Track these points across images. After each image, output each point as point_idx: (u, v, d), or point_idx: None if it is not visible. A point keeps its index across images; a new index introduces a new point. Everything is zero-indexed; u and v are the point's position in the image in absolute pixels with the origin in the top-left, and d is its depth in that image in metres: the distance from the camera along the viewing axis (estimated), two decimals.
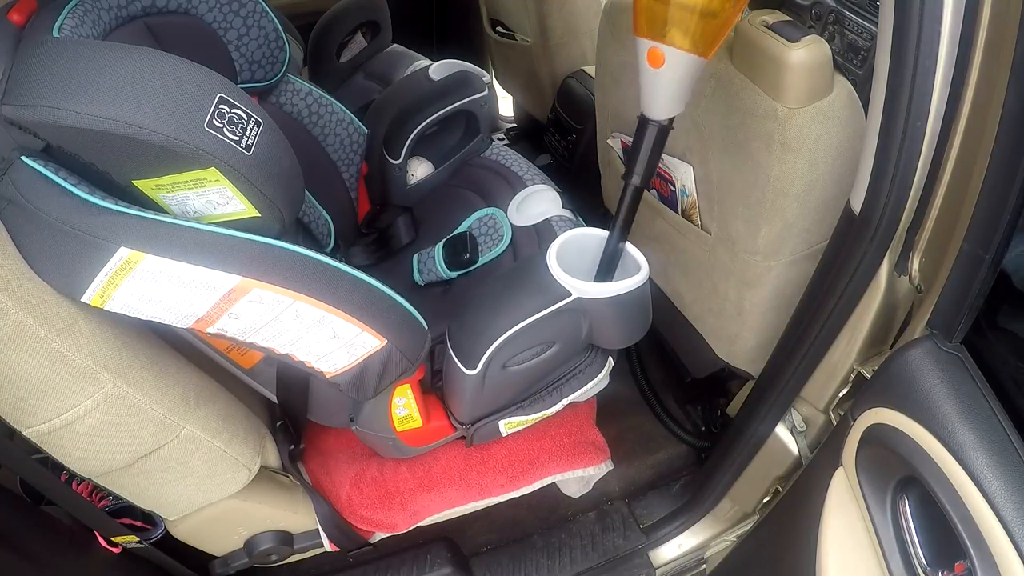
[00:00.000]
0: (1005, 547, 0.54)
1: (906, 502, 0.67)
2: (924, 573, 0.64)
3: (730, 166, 0.95)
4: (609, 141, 1.30)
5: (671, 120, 0.79)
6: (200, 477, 0.89)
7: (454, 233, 1.25)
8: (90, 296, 0.66)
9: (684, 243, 1.13)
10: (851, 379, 0.89)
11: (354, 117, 1.27)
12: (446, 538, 1.30)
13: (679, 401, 1.55)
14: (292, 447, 1.05)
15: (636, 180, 0.83)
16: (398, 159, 1.35)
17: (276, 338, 0.76)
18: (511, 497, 1.12)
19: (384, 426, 1.00)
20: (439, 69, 1.37)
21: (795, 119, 0.83)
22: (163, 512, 0.95)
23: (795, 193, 0.89)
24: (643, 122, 0.80)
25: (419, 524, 1.11)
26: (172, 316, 0.70)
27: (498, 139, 2.29)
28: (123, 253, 0.63)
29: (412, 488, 1.10)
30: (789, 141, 0.84)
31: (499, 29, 2.06)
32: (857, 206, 0.77)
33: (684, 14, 0.69)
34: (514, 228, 1.21)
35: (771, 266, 0.99)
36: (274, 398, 0.94)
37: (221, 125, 0.64)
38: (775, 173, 0.88)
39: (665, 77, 0.74)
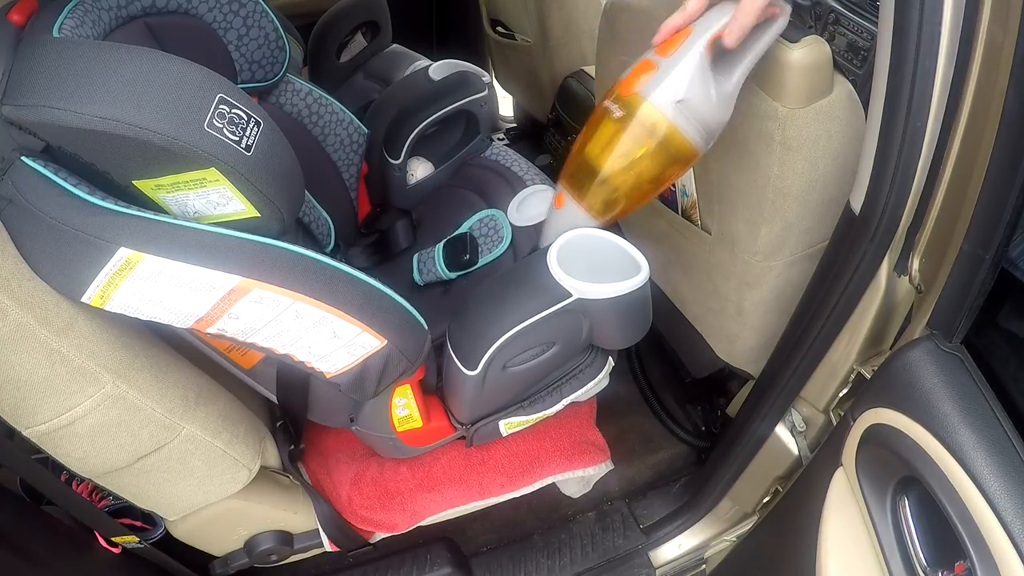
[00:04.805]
0: (1005, 547, 0.54)
1: (906, 502, 0.67)
2: (924, 573, 0.64)
3: (730, 166, 0.95)
4: None
5: None
6: (200, 477, 0.89)
7: (455, 234, 1.25)
8: (90, 296, 0.66)
9: (684, 243, 1.13)
10: (851, 379, 0.89)
11: (354, 117, 1.27)
12: (446, 538, 1.31)
13: (679, 401, 1.55)
14: (292, 447, 1.05)
15: None
16: (398, 159, 1.35)
17: (276, 338, 0.76)
18: (511, 497, 1.12)
19: (384, 426, 1.00)
20: (439, 69, 1.37)
21: (795, 119, 0.83)
22: (163, 512, 0.95)
23: (795, 193, 0.89)
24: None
25: (419, 524, 1.11)
26: (172, 316, 0.70)
27: (498, 139, 2.29)
28: (123, 253, 0.63)
29: (412, 488, 1.10)
30: (789, 141, 0.84)
31: (499, 29, 2.06)
32: (857, 206, 0.77)
33: (588, 174, 0.86)
34: (514, 229, 1.21)
35: (771, 266, 0.99)
36: (274, 398, 0.94)
37: (221, 125, 0.63)
38: (775, 173, 0.88)
39: (559, 218, 0.94)
